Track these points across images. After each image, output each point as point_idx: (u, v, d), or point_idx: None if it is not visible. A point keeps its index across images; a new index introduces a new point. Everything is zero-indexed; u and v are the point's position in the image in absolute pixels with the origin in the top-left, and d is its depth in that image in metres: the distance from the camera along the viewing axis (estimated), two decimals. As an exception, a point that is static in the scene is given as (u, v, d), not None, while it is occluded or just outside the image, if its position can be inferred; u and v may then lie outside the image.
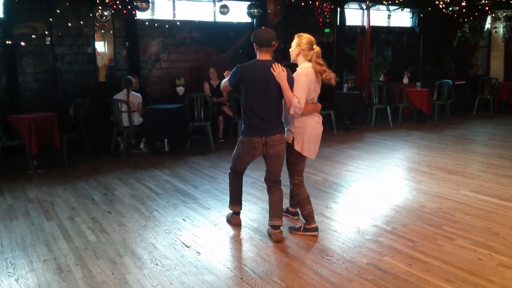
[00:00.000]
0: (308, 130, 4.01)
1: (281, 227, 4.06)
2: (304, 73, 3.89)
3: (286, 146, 4.04)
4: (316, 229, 4.15)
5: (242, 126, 3.97)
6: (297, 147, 4.01)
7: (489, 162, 6.72)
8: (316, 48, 3.98)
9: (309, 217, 4.15)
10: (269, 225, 4.10)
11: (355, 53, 11.87)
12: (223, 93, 8.75)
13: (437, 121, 10.43)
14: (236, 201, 4.36)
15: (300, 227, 4.18)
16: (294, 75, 3.91)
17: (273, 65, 3.77)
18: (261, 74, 3.79)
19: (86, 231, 4.32)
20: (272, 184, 4.08)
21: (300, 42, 3.97)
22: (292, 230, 4.22)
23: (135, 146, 7.89)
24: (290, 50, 4.06)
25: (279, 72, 3.75)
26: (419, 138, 8.68)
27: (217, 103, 8.61)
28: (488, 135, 8.95)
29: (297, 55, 4.00)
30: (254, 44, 3.89)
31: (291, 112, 3.84)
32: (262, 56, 3.87)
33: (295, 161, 4.10)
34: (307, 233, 4.13)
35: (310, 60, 3.97)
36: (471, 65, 13.11)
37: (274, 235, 4.01)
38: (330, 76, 3.97)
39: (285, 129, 4.06)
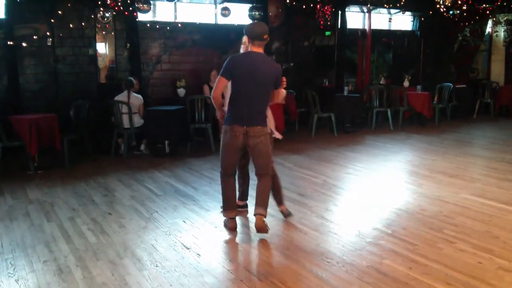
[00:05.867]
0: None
1: (265, 217, 4.12)
2: None
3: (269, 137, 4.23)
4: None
5: (226, 116, 4.06)
6: (275, 133, 4.36)
7: (489, 165, 6.72)
8: None
9: (283, 198, 4.56)
10: (254, 213, 4.15)
11: (356, 56, 11.89)
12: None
13: (437, 124, 10.43)
14: (227, 207, 4.26)
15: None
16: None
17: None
18: (252, 65, 3.91)
19: (86, 232, 4.31)
20: (259, 176, 4.17)
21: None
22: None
23: (135, 148, 7.89)
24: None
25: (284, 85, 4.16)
26: (419, 141, 8.68)
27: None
28: (488, 139, 8.96)
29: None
30: (246, 37, 4.00)
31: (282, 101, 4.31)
32: (255, 49, 3.98)
33: (272, 148, 4.32)
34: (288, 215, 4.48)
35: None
36: (471, 69, 13.12)
37: (256, 222, 4.07)
38: None
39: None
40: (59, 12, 7.65)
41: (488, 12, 11.78)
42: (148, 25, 8.55)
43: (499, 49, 12.91)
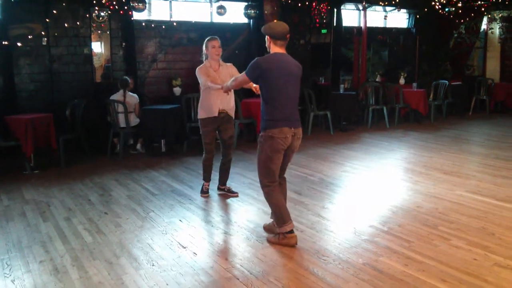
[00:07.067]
0: None
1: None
2: None
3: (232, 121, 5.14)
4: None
5: (266, 121, 3.78)
6: None
7: (485, 162, 6.75)
8: None
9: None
10: (282, 231, 3.86)
11: (352, 54, 11.89)
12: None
13: (433, 121, 10.46)
14: (289, 216, 3.87)
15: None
16: None
17: None
18: (285, 67, 3.80)
19: (82, 232, 4.31)
20: (281, 178, 4.05)
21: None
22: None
23: (131, 147, 7.89)
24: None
25: None
26: (415, 138, 8.71)
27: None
28: (484, 136, 8.99)
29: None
30: (268, 37, 3.83)
31: None
32: (278, 49, 3.83)
33: None
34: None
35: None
36: (467, 66, 13.15)
37: (292, 239, 3.86)
38: None
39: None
40: (54, 11, 7.62)
41: (483, 9, 11.80)
42: (143, 24, 8.54)
43: (495, 46, 12.94)
